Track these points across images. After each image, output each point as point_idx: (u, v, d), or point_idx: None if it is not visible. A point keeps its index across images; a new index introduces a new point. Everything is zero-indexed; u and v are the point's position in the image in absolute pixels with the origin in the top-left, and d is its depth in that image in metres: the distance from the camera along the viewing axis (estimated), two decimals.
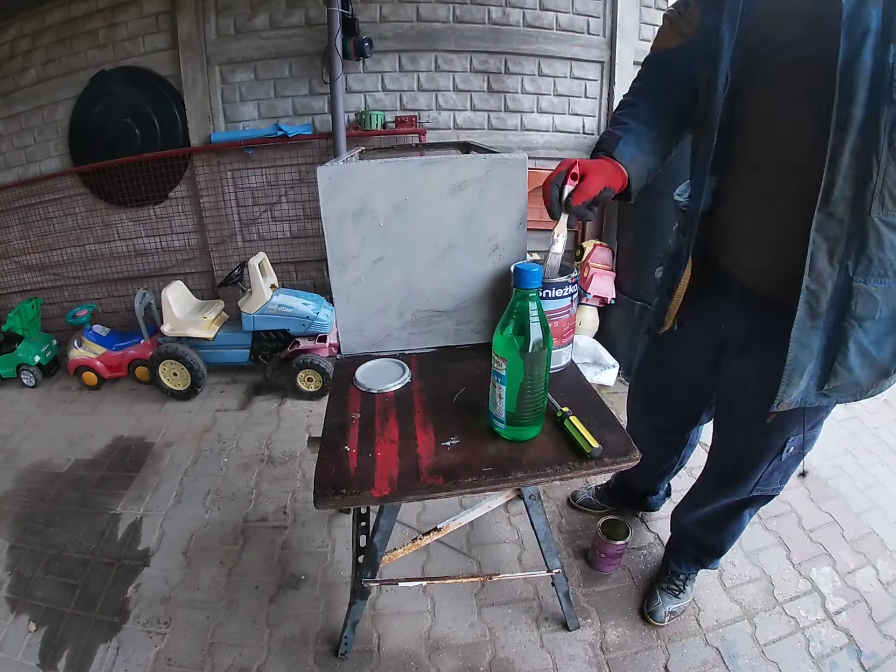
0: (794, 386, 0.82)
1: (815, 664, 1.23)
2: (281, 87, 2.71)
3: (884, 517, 1.65)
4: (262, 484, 1.87)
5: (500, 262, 1.02)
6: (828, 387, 0.82)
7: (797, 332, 0.78)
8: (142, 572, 1.53)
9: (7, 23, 2.68)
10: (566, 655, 1.26)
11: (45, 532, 1.70)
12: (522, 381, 0.76)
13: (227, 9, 2.60)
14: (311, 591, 1.44)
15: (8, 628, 1.38)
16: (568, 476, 0.77)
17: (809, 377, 0.82)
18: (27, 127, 2.84)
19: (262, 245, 2.91)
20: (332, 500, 0.73)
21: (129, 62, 2.69)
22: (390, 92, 2.74)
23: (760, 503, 1.17)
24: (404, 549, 1.14)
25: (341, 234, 0.97)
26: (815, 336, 0.79)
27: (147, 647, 1.31)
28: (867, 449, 1.99)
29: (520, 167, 0.95)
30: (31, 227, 3.00)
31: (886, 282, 0.75)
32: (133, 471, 1.97)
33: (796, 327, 0.78)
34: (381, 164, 0.93)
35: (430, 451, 0.80)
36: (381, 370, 1.02)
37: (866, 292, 0.75)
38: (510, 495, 1.20)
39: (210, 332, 2.42)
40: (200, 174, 2.81)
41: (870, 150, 0.68)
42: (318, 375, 2.36)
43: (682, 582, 1.35)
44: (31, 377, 2.69)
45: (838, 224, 0.72)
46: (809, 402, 0.85)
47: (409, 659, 1.27)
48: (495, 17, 2.65)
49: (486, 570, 1.49)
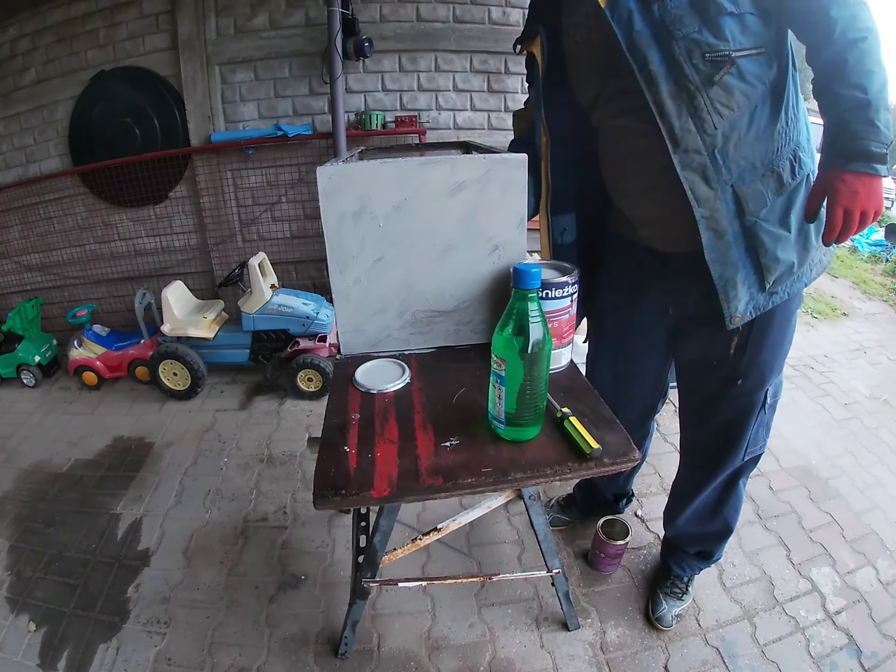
0: (734, 299, 0.89)
1: (815, 664, 1.23)
2: (281, 87, 2.71)
3: (884, 517, 1.65)
4: (262, 484, 1.87)
5: (499, 263, 1.02)
6: (769, 284, 0.89)
7: (710, 255, 0.87)
8: (142, 572, 1.53)
9: (7, 23, 2.69)
10: (566, 655, 1.26)
11: (45, 532, 1.70)
12: (522, 382, 0.76)
13: (227, 9, 2.60)
14: (311, 591, 1.44)
15: (8, 628, 1.38)
16: (568, 476, 0.76)
17: (748, 287, 0.89)
18: (27, 127, 2.85)
19: (262, 245, 2.91)
20: (332, 500, 0.73)
21: (129, 62, 2.69)
22: (390, 92, 2.74)
23: (751, 468, 1.19)
24: (404, 549, 1.14)
25: (341, 235, 0.97)
26: (730, 249, 0.87)
27: (147, 647, 1.31)
28: (867, 449, 1.99)
29: (520, 167, 0.95)
30: (31, 227, 3.00)
31: (758, 171, 0.85)
32: (133, 471, 1.97)
33: (707, 252, 0.87)
34: (381, 164, 0.93)
35: (429, 451, 0.80)
36: (381, 370, 1.02)
37: (750, 189, 0.85)
38: (510, 495, 1.20)
39: (210, 332, 2.42)
40: (200, 174, 2.81)
41: (684, 84, 0.80)
42: (318, 375, 2.36)
43: (684, 584, 1.35)
44: (31, 377, 2.69)
45: (696, 153, 0.83)
46: (762, 305, 0.92)
47: (409, 659, 1.27)
48: (495, 17, 2.65)
49: (486, 570, 1.49)
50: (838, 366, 2.63)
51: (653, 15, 0.79)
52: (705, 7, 0.77)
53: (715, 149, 0.82)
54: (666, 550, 1.42)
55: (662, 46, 0.80)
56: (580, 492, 1.61)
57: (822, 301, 3.50)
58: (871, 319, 3.35)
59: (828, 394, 2.37)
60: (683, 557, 1.35)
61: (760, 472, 1.81)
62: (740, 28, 0.78)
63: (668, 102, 0.81)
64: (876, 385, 2.45)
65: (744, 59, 0.79)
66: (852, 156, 0.75)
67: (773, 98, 0.83)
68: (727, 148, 0.83)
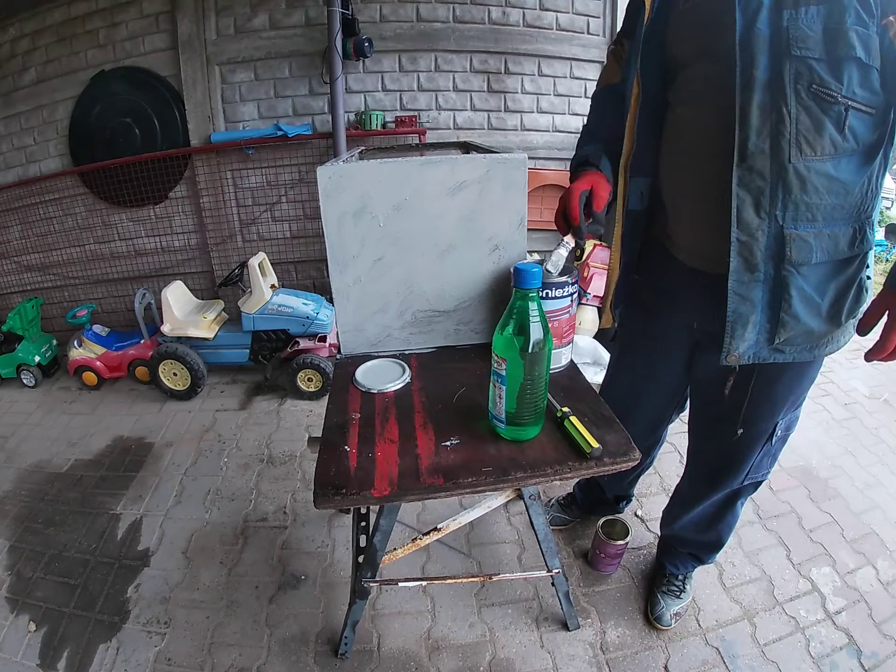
0: (738, 338, 0.85)
1: (815, 664, 1.22)
2: (281, 87, 2.71)
3: (884, 517, 1.65)
4: (262, 484, 1.87)
5: (500, 262, 1.02)
6: (779, 339, 0.84)
7: (734, 284, 0.82)
8: (142, 572, 1.53)
9: (7, 23, 2.69)
10: (566, 655, 1.26)
11: (45, 532, 1.70)
12: (522, 381, 0.76)
13: (227, 9, 2.60)
14: (311, 591, 1.44)
15: (8, 628, 1.38)
16: (568, 476, 0.77)
17: (757, 331, 0.84)
18: (27, 127, 2.85)
19: (262, 245, 2.91)
20: (332, 500, 0.73)
21: (129, 62, 2.69)
22: (390, 92, 2.74)
23: (750, 491, 1.18)
24: (404, 549, 1.14)
25: (341, 234, 0.97)
26: (755, 288, 0.82)
27: (147, 647, 1.31)
28: (867, 449, 1.99)
29: (520, 167, 0.95)
30: (31, 227, 3.00)
31: (816, 225, 0.78)
32: (133, 471, 1.97)
33: (732, 278, 0.82)
34: (381, 164, 0.93)
35: (430, 451, 0.80)
36: (381, 370, 1.02)
37: (798, 238, 0.78)
38: (510, 495, 1.20)
39: (210, 332, 2.42)
40: (200, 174, 2.81)
41: (779, 103, 0.74)
42: (318, 375, 2.36)
43: (681, 582, 1.36)
44: (31, 377, 2.69)
45: (759, 176, 0.77)
46: (763, 356, 0.87)
47: (409, 659, 1.27)
48: (495, 17, 2.66)
49: (486, 570, 1.49)
50: (838, 366, 2.62)
51: (780, 20, 0.72)
52: (835, 41, 0.71)
53: (780, 181, 0.76)
54: (661, 549, 1.44)
55: (774, 56, 0.73)
56: (580, 491, 1.62)
57: None
58: None
59: (828, 394, 2.37)
60: (676, 555, 1.36)
61: None
62: (860, 79, 0.72)
63: (754, 114, 0.75)
64: (876, 385, 2.45)
65: (850, 108, 0.73)
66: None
67: (862, 162, 0.78)
68: (793, 186, 0.76)
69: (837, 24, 0.70)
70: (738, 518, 1.25)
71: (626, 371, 1.24)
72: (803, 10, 0.71)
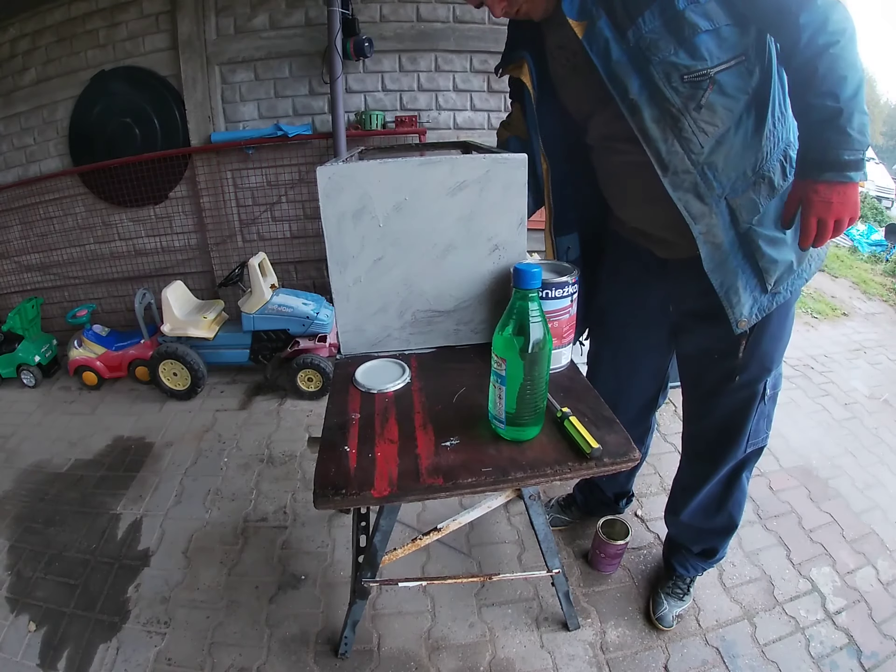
0: (737, 305, 0.90)
1: (815, 664, 1.23)
2: (281, 87, 2.71)
3: (884, 517, 1.65)
4: (262, 484, 1.87)
5: (499, 262, 1.02)
6: (770, 285, 0.90)
7: (710, 265, 0.88)
8: (142, 572, 1.53)
9: (7, 23, 2.69)
10: (566, 655, 1.26)
11: (45, 532, 1.70)
12: (522, 382, 0.76)
13: (227, 9, 2.60)
14: (311, 591, 1.44)
15: (8, 628, 1.38)
16: (568, 476, 0.77)
17: (750, 291, 0.90)
18: (27, 127, 2.85)
19: (262, 245, 2.91)
20: (332, 500, 0.73)
21: (129, 62, 2.69)
22: (390, 92, 2.74)
23: (753, 461, 1.18)
24: (404, 549, 1.14)
25: (341, 234, 0.97)
26: (728, 258, 0.88)
27: (147, 647, 1.31)
28: (867, 449, 1.99)
29: (520, 167, 0.95)
30: (31, 227, 3.00)
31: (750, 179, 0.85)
32: (133, 471, 1.97)
33: (706, 263, 0.88)
34: (381, 164, 0.93)
35: (429, 451, 0.80)
36: (381, 370, 1.02)
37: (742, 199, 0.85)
38: (510, 495, 1.20)
39: (210, 332, 2.42)
40: (200, 174, 2.81)
41: (666, 107, 0.81)
42: (318, 375, 2.36)
43: (686, 584, 1.35)
44: (31, 377, 2.69)
45: (685, 173, 0.84)
46: (766, 306, 0.93)
47: (409, 659, 1.27)
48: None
49: (486, 570, 1.49)
50: (838, 366, 2.63)
51: (628, 42, 0.79)
52: (679, 28, 0.77)
53: (704, 166, 0.83)
54: (669, 550, 1.41)
55: (641, 73, 0.80)
56: (580, 492, 1.61)
57: (822, 301, 3.50)
58: (871, 319, 3.35)
59: (828, 394, 2.37)
60: (687, 557, 1.34)
61: (760, 472, 1.81)
62: (717, 43, 0.78)
63: (652, 128, 0.82)
64: (876, 385, 2.45)
65: (723, 73, 0.79)
66: (824, 166, 0.75)
67: (758, 104, 0.83)
68: (716, 163, 0.83)
69: (673, 13, 0.76)
70: (745, 494, 1.24)
71: (607, 363, 1.27)
72: (640, 19, 0.78)
